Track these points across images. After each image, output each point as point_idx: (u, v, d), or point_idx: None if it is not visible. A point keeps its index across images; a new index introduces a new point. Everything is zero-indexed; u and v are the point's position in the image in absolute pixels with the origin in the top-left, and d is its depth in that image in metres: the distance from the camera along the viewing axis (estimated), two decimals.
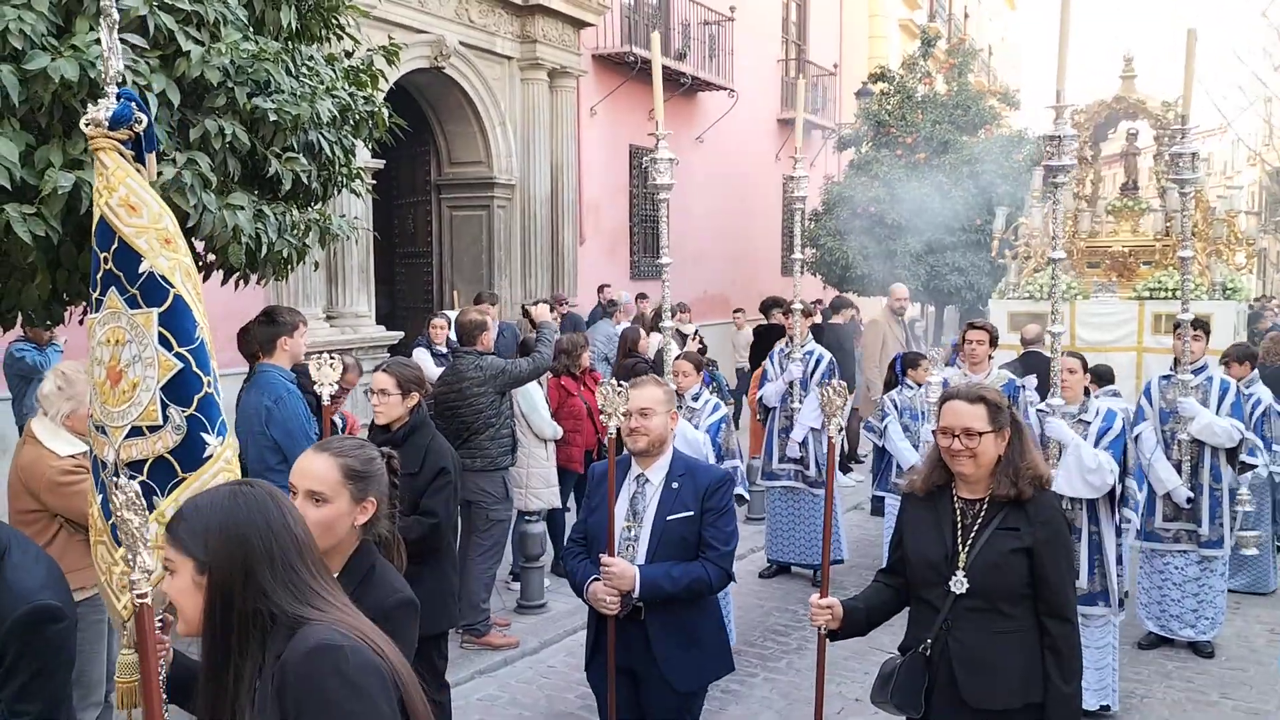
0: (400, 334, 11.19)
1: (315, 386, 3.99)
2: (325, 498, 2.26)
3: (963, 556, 2.92)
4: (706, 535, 3.45)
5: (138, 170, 2.46)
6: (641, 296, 13.29)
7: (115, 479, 1.98)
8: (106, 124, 2.41)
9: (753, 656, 5.97)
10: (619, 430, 3.50)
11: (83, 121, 2.44)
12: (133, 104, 2.45)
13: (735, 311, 15.28)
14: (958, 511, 2.98)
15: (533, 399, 6.77)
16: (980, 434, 2.88)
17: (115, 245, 2.38)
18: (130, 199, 2.40)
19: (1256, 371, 6.89)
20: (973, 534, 2.93)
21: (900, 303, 10.90)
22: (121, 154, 2.44)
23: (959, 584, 2.91)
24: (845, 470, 10.93)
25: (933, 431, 3.06)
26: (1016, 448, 2.95)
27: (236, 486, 1.86)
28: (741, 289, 17.81)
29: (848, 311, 11.51)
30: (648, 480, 3.55)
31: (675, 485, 3.49)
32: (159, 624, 2.38)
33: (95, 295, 2.44)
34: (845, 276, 16.71)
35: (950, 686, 2.92)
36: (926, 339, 16.55)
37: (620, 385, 3.51)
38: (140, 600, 1.89)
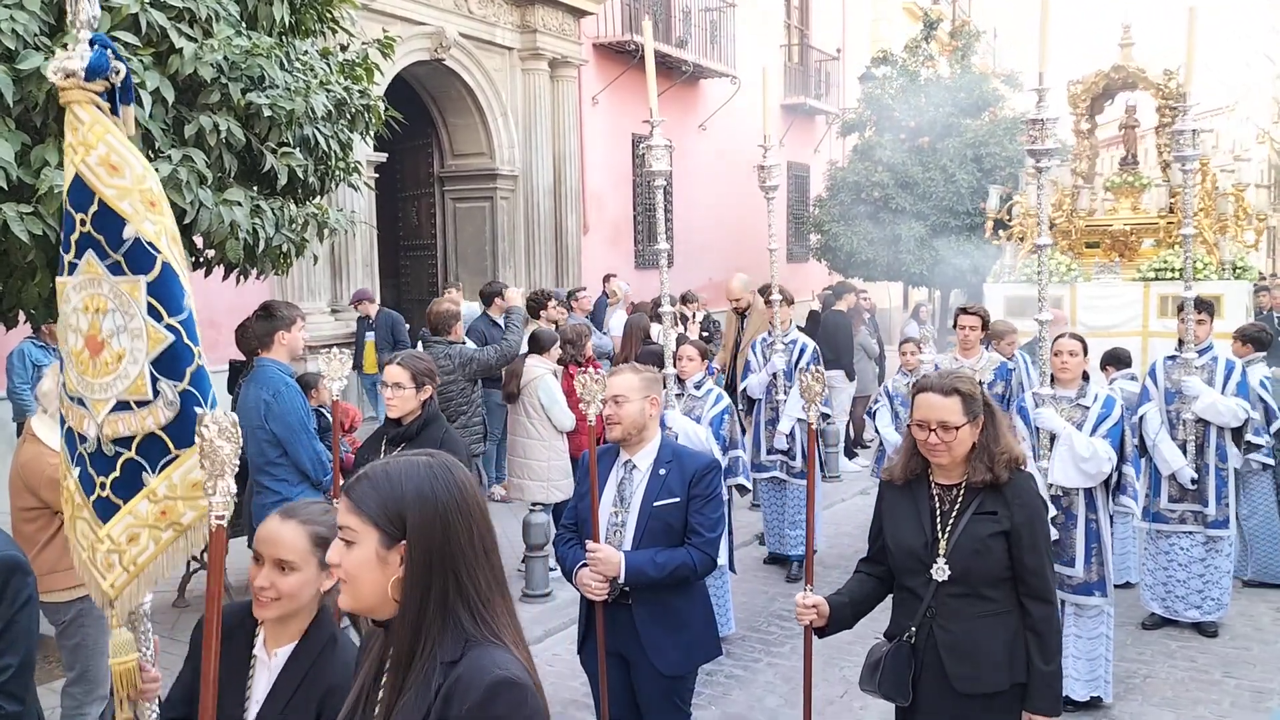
0: (405, 326, 11.22)
1: (324, 380, 4.01)
2: (294, 566, 2.22)
3: (943, 544, 2.93)
4: (693, 521, 3.46)
5: (116, 124, 2.27)
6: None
7: (201, 412, 1.98)
8: (81, 74, 2.19)
9: (756, 642, 5.99)
10: (589, 427, 3.50)
11: (51, 70, 2.22)
12: (108, 51, 2.24)
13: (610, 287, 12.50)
14: (935, 498, 2.99)
15: (552, 392, 6.79)
16: (956, 428, 2.88)
17: (95, 207, 2.21)
18: (110, 158, 2.22)
19: (1263, 354, 6.81)
20: (951, 520, 2.94)
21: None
22: (99, 107, 2.24)
23: (940, 571, 2.92)
24: (851, 455, 10.94)
25: (907, 424, 3.05)
26: (990, 433, 2.93)
27: (428, 458, 1.71)
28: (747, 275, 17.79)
29: (849, 298, 11.45)
30: (635, 466, 3.56)
31: (662, 472, 3.51)
32: (148, 658, 2.33)
33: (69, 258, 2.28)
34: (850, 262, 16.69)
35: (937, 673, 2.94)
36: (934, 322, 16.52)
37: (598, 374, 3.53)
38: (218, 521, 1.98)
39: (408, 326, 10.35)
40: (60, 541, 3.90)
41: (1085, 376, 5.15)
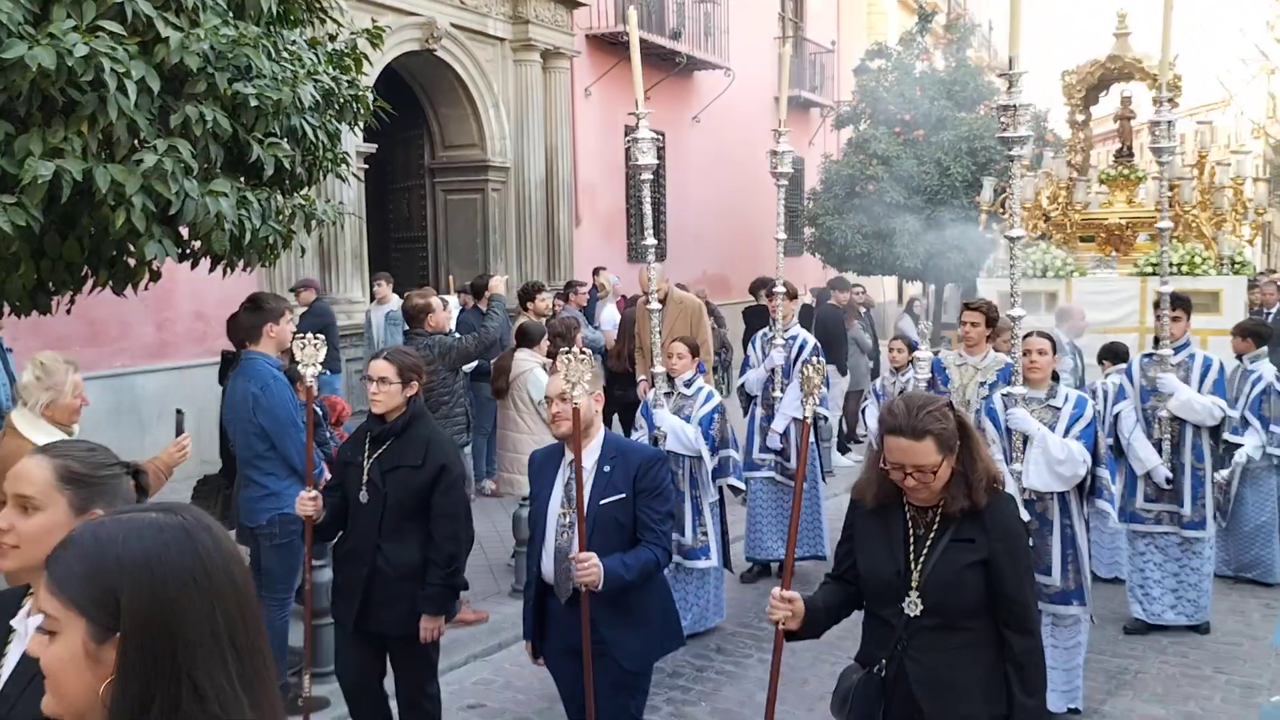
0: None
1: (300, 367, 3.93)
2: (36, 504, 1.89)
3: (915, 575, 2.71)
4: (642, 517, 3.43)
5: None
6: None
7: None
8: None
9: (746, 638, 5.98)
10: (576, 411, 3.33)
11: None
12: None
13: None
14: (909, 521, 2.77)
15: (542, 385, 6.76)
16: (934, 470, 2.64)
17: None
18: None
19: (1265, 349, 6.79)
20: (926, 547, 2.72)
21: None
22: None
23: (913, 606, 2.71)
24: (844, 451, 10.91)
25: (880, 467, 2.77)
26: (967, 459, 2.69)
27: (160, 515, 1.30)
28: (741, 269, 17.78)
29: (842, 295, 11.41)
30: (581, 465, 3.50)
31: (607, 469, 3.46)
32: None
33: None
34: (844, 256, 16.67)
35: (909, 707, 2.73)
36: (927, 317, 16.52)
37: (583, 354, 3.46)
38: None
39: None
40: None
41: (1055, 377, 5.05)
